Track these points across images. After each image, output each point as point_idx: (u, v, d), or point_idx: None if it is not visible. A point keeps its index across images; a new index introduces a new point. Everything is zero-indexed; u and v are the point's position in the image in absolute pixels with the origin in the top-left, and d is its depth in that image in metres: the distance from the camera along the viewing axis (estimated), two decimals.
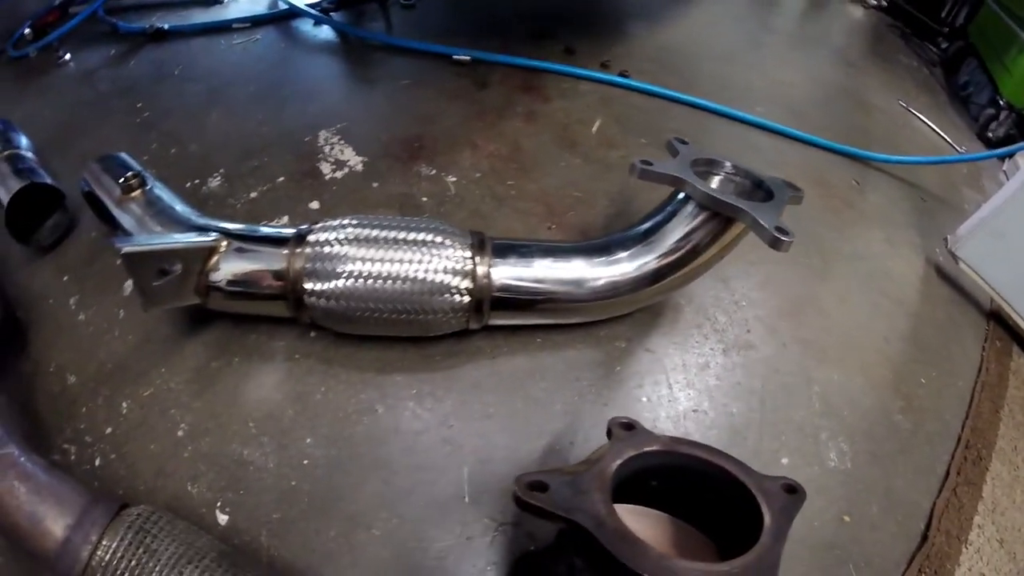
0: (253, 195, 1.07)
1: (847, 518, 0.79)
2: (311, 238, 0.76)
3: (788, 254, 0.72)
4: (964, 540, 0.83)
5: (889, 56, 2.03)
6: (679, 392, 0.85)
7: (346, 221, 0.77)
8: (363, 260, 0.74)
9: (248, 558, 0.68)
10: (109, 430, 0.85)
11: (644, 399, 0.83)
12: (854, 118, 1.57)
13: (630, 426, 0.63)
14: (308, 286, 0.74)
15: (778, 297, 1.00)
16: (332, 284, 0.73)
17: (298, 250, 0.75)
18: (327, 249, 0.74)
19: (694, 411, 0.83)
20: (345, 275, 0.73)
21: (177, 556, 0.64)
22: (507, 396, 0.81)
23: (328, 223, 0.78)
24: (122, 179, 0.91)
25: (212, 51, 1.58)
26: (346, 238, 0.75)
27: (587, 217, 1.02)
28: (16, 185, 1.09)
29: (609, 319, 0.88)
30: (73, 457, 0.81)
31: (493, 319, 0.80)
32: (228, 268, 0.77)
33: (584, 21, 1.58)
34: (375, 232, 0.76)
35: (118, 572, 0.62)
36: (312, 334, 0.87)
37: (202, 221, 0.83)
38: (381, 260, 0.74)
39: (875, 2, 2.38)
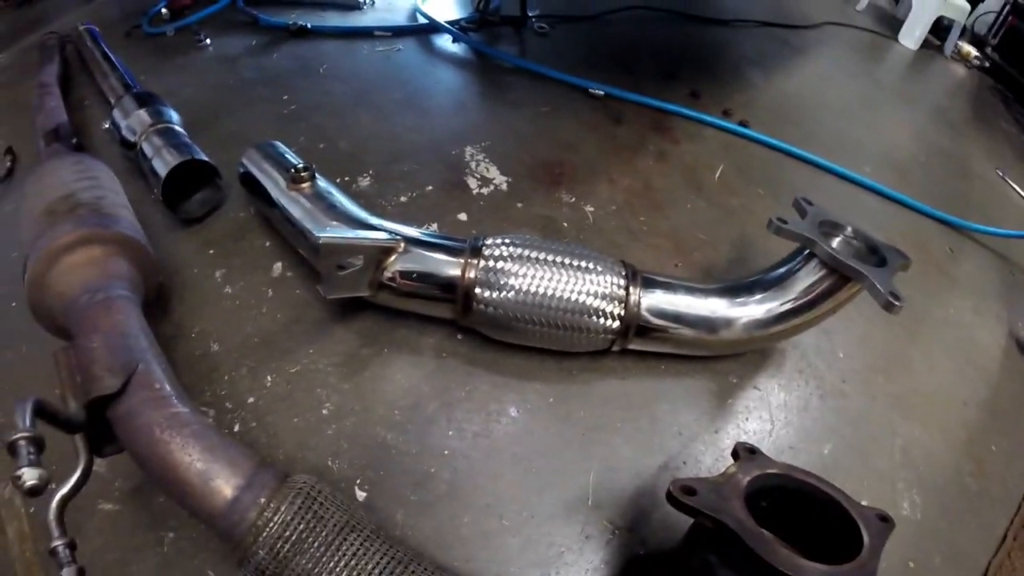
0: (403, 199, 1.16)
1: (912, 564, 0.85)
2: (486, 251, 0.85)
3: (884, 315, 0.79)
4: None
5: (989, 120, 2.04)
6: (780, 428, 0.92)
7: (517, 240, 0.87)
8: (531, 277, 0.83)
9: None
10: (251, 399, 0.91)
11: (750, 431, 0.91)
12: (954, 184, 1.61)
13: (753, 450, 0.73)
14: (479, 293, 0.84)
15: (872, 353, 1.06)
16: (501, 295, 0.83)
17: (473, 260, 0.84)
18: (500, 264, 0.84)
19: (791, 447, 0.91)
20: (514, 288, 0.83)
21: (342, 524, 0.67)
22: (633, 413, 0.89)
23: (500, 239, 0.87)
24: (292, 169, 0.99)
25: (355, 55, 1.67)
26: (517, 255, 0.84)
27: (711, 258, 1.10)
28: (174, 159, 1.16)
29: (726, 356, 0.96)
30: (211, 420, 0.85)
31: (633, 344, 0.88)
32: (403, 268, 0.86)
33: (706, 64, 1.64)
34: (542, 254, 0.85)
35: (287, 534, 0.65)
36: (459, 336, 0.96)
37: (375, 221, 0.92)
38: (546, 279, 0.83)
39: (977, 61, 2.39)
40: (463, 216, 1.14)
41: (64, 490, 0.70)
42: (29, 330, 0.91)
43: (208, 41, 1.79)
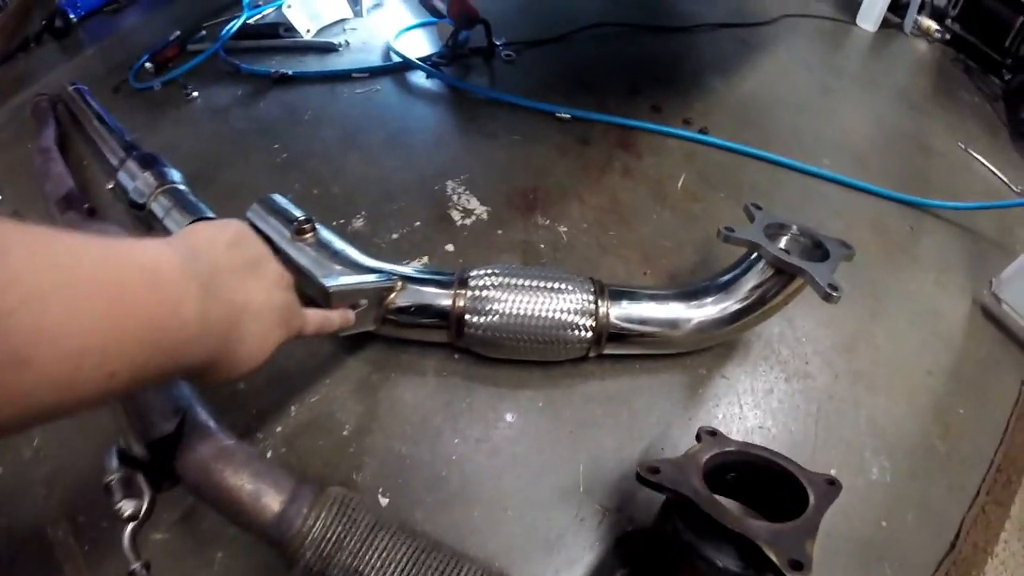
0: (395, 236, 1.26)
1: (884, 523, 0.93)
2: (471, 283, 0.97)
3: (845, 296, 0.87)
4: (990, 552, 0.96)
5: (951, 93, 2.10)
6: (748, 412, 1.02)
7: (498, 269, 0.98)
8: (512, 301, 0.95)
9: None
10: (279, 428, 1.01)
11: (720, 416, 1.01)
12: (914, 163, 1.70)
13: (713, 432, 0.83)
14: (469, 318, 0.95)
15: (835, 334, 1.16)
16: (488, 319, 0.95)
17: (461, 291, 0.96)
18: (484, 292, 0.95)
19: (760, 427, 1.01)
20: (498, 313, 0.94)
21: (372, 524, 0.76)
22: (614, 409, 1.00)
23: (483, 271, 0.98)
24: (295, 221, 1.11)
25: (338, 98, 1.75)
26: (499, 283, 0.96)
27: (676, 263, 1.20)
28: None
29: (695, 351, 1.06)
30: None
31: (606, 349, 0.99)
32: (402, 303, 0.98)
33: (667, 76, 1.73)
34: (520, 280, 0.97)
35: (327, 536, 0.74)
36: (456, 356, 1.06)
37: (374, 263, 1.02)
38: (525, 302, 0.95)
39: (938, 35, 2.42)
40: (450, 247, 1.24)
41: (134, 523, 0.81)
42: None
43: (196, 93, 1.86)
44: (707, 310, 0.99)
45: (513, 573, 0.83)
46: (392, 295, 0.99)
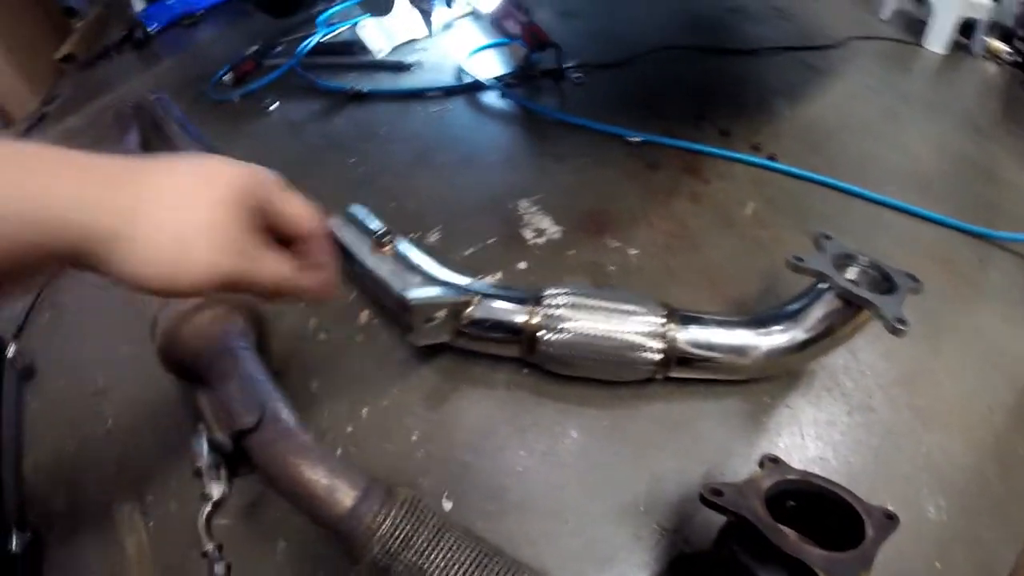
0: (469, 251, 1.31)
1: (939, 564, 0.92)
2: (546, 301, 1.01)
3: (915, 329, 0.87)
4: None
5: (1021, 119, 2.02)
6: (809, 442, 1.03)
7: (572, 289, 1.03)
8: (584, 320, 0.99)
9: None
10: (350, 429, 1.06)
11: (781, 445, 1.02)
12: (982, 192, 1.66)
13: (776, 460, 0.85)
14: (541, 335, 1.00)
15: (898, 367, 1.15)
16: (561, 336, 0.99)
17: (536, 308, 1.01)
18: (558, 311, 0.99)
19: (820, 458, 1.01)
20: (571, 331, 0.98)
21: (438, 525, 0.78)
22: (677, 432, 1.02)
23: (558, 290, 1.02)
24: (377, 233, 1.17)
25: (411, 116, 1.82)
26: (572, 303, 1.00)
27: (743, 290, 1.22)
28: None
29: (760, 379, 1.07)
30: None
31: (673, 373, 1.02)
32: (478, 317, 1.03)
33: (735, 100, 1.74)
34: (593, 300, 1.01)
35: (396, 533, 0.77)
36: (525, 371, 1.10)
37: (452, 278, 1.08)
38: (597, 321, 0.99)
39: (1008, 56, 2.33)
40: (523, 264, 1.29)
41: (209, 506, 0.87)
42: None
43: (274, 107, 1.96)
44: (775, 338, 1.01)
45: None
46: (469, 308, 1.04)
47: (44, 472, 1.26)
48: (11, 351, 1.44)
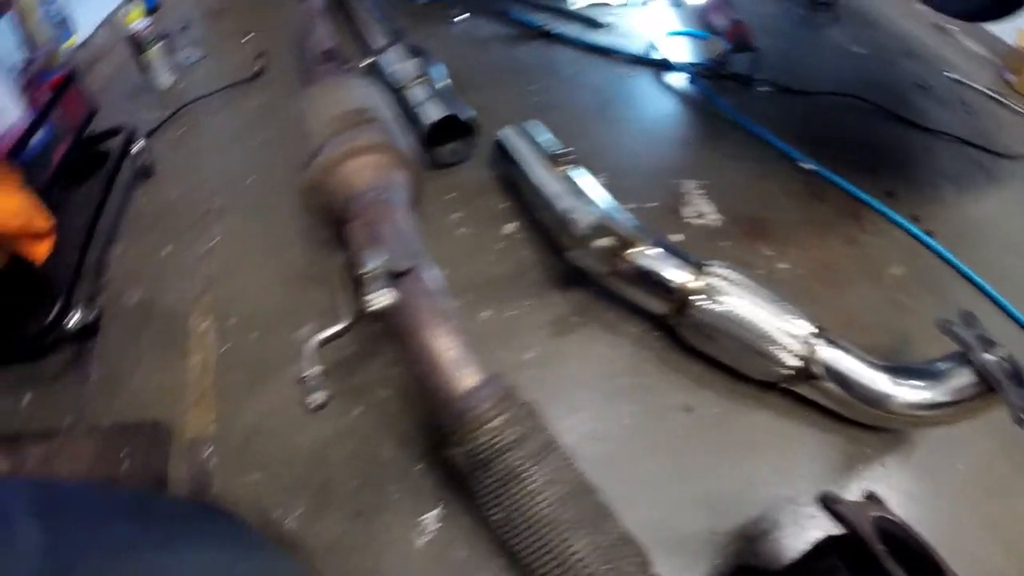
0: (630, 207, 1.31)
1: None
2: (709, 270, 1.03)
3: (1010, 445, 0.92)
4: None
5: None
6: (893, 507, 1.02)
7: (736, 267, 1.04)
8: (741, 298, 1.00)
9: None
10: (469, 325, 1.09)
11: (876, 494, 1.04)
12: None
13: (879, 500, 0.86)
14: (695, 300, 1.01)
15: (991, 474, 1.11)
16: (714, 307, 1.00)
17: (699, 274, 1.02)
18: (719, 283, 1.01)
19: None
20: (725, 305, 1.00)
21: (548, 441, 0.80)
22: (779, 447, 1.04)
23: (720, 264, 1.04)
24: (558, 152, 1.19)
25: (596, 69, 1.85)
26: (735, 279, 1.02)
27: (871, 342, 1.16)
28: (443, 110, 1.37)
29: (868, 426, 1.07)
30: None
31: (798, 388, 1.03)
32: (640, 261, 1.04)
33: (905, 166, 1.72)
34: (752, 283, 1.02)
35: (508, 431, 0.77)
36: (655, 333, 1.13)
37: (619, 214, 1.10)
38: (753, 304, 1.00)
39: None
40: (678, 237, 1.31)
41: (325, 334, 0.91)
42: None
43: (460, 19, 1.99)
44: (905, 391, 1.01)
45: None
46: (633, 249, 1.05)
47: (128, 266, 1.35)
48: (137, 146, 1.52)
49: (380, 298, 0.79)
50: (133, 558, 0.60)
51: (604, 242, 1.03)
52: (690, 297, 1.02)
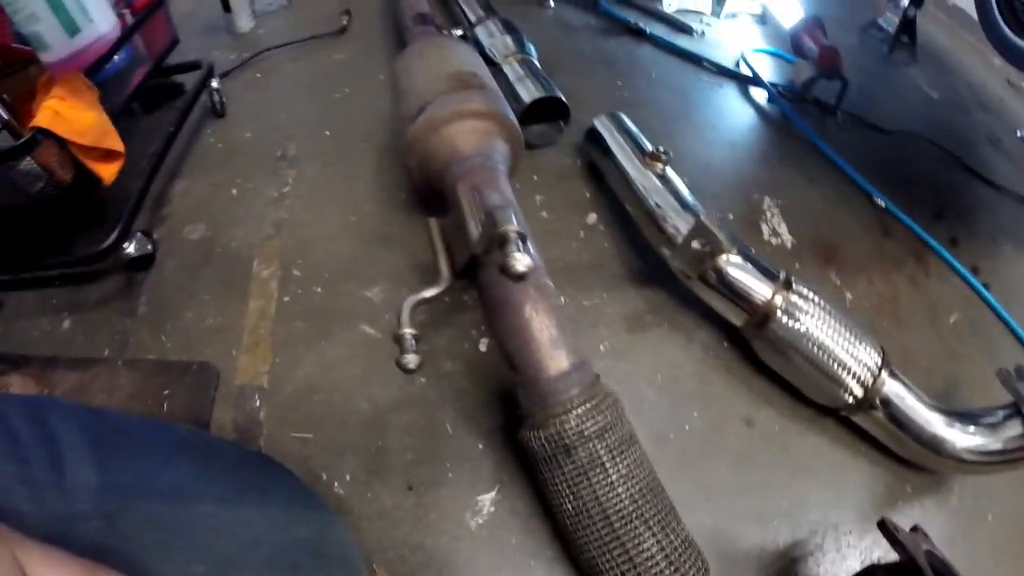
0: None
1: None
2: (795, 288, 1.05)
3: None
4: None
5: None
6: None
7: (816, 291, 1.06)
8: (820, 320, 1.02)
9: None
10: None
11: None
12: None
13: (926, 534, 0.89)
14: (777, 316, 1.03)
15: (1015, 530, 1.13)
16: (793, 325, 1.03)
17: (784, 291, 1.04)
18: (801, 302, 1.03)
19: None
20: (804, 324, 1.02)
21: (630, 434, 0.81)
22: (832, 472, 1.06)
23: (804, 284, 1.06)
24: (655, 149, 1.20)
25: (684, 74, 1.87)
26: (816, 300, 1.04)
27: (924, 383, 1.17)
28: (539, 91, 1.38)
29: (914, 465, 1.09)
30: None
31: (856, 417, 1.06)
32: (727, 269, 1.06)
33: (969, 217, 1.74)
34: (832, 310, 1.04)
35: (596, 417, 0.78)
36: (725, 344, 1.15)
37: (703, 219, 1.09)
38: (830, 328, 1.02)
39: None
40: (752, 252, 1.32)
41: (422, 295, 0.89)
42: None
43: (552, 4, 2.00)
44: (957, 435, 1.03)
45: None
46: (724, 256, 1.06)
47: (193, 202, 1.35)
48: (214, 83, 1.54)
49: (523, 260, 0.75)
50: (192, 508, 0.56)
51: (699, 244, 1.04)
52: (772, 312, 1.04)
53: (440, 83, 1.15)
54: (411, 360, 0.82)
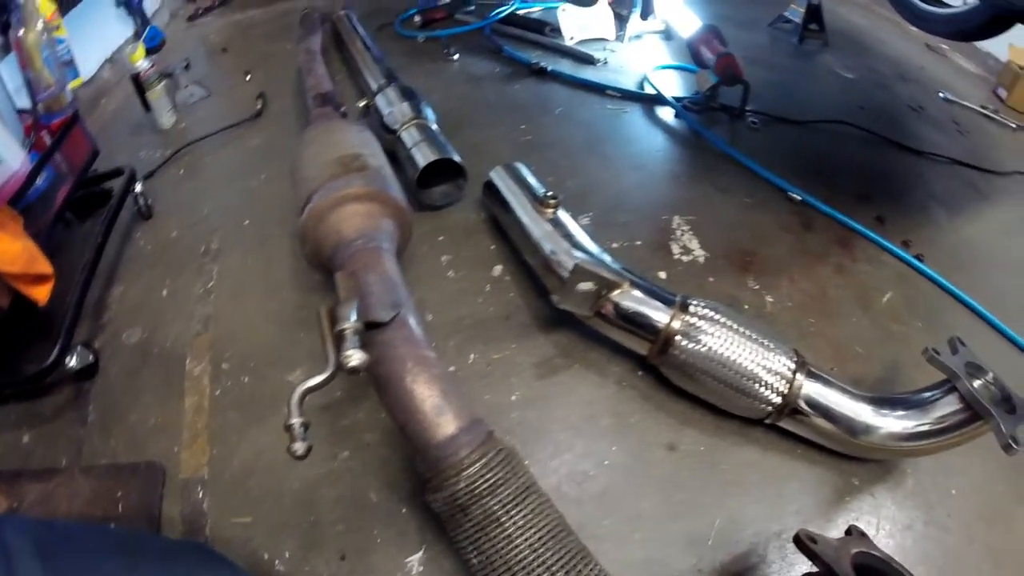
0: (615, 245, 1.36)
1: None
2: (692, 309, 1.04)
3: (1002, 471, 0.90)
4: None
5: None
6: (882, 538, 1.03)
7: (718, 307, 1.05)
8: (722, 339, 1.01)
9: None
10: (453, 368, 1.12)
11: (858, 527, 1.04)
12: None
13: (863, 534, 0.87)
14: (678, 340, 1.03)
15: (982, 501, 1.12)
16: (696, 347, 1.02)
17: (680, 314, 1.04)
18: (701, 323, 1.03)
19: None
20: (707, 345, 1.01)
21: (528, 484, 0.81)
22: (765, 483, 1.04)
23: (704, 303, 1.05)
24: (543, 193, 1.21)
25: (588, 106, 1.89)
26: (716, 319, 1.03)
27: (862, 371, 1.22)
28: (434, 154, 1.39)
29: (855, 458, 1.08)
30: None
31: (782, 423, 1.05)
32: (622, 303, 1.06)
33: (895, 192, 1.74)
34: (734, 323, 1.03)
35: (485, 476, 0.79)
36: (639, 373, 1.14)
37: (606, 258, 1.12)
38: (734, 344, 1.01)
39: None
40: (663, 275, 1.33)
41: (308, 384, 0.87)
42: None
43: (456, 56, 2.05)
44: (890, 421, 1.02)
45: None
46: (616, 291, 1.07)
47: (128, 306, 1.40)
48: (138, 187, 1.58)
49: (356, 356, 0.80)
50: None
51: (587, 285, 1.05)
52: (671, 337, 1.04)
53: (325, 169, 1.19)
54: (299, 448, 0.83)
